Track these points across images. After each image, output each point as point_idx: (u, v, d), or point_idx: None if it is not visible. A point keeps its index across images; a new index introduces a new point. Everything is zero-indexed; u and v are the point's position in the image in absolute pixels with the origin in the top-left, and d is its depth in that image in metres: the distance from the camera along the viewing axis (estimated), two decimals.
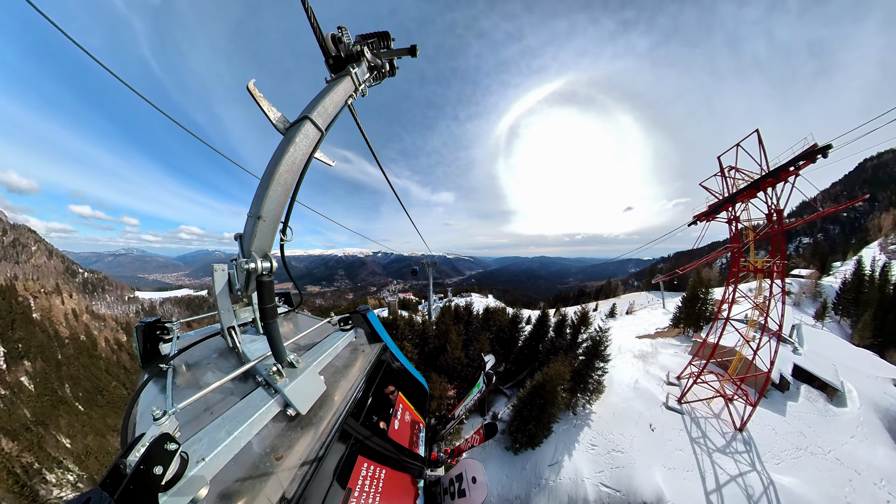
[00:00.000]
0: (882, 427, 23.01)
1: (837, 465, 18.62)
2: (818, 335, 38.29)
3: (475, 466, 3.29)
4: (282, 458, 1.81)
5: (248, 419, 1.78)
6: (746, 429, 18.77)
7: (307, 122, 2.30)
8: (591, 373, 18.87)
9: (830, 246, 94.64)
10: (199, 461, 1.48)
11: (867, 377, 28.95)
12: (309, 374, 2.18)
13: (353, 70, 2.79)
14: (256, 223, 2.05)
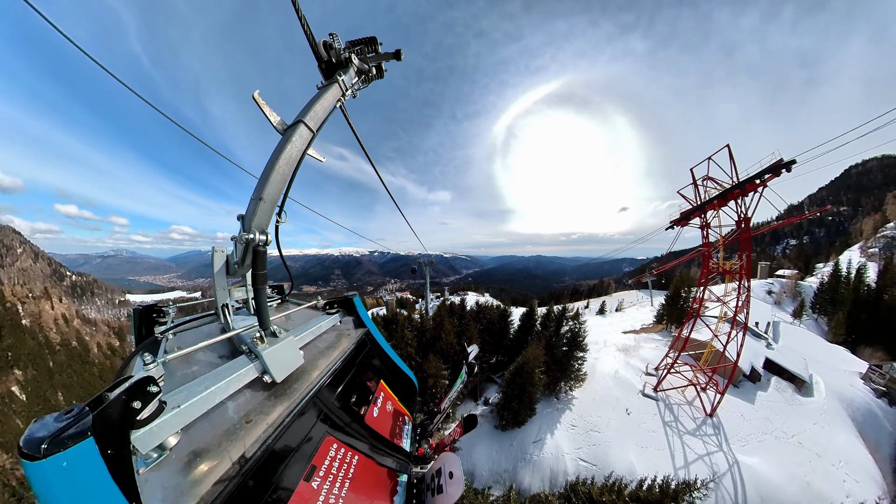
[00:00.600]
0: (846, 415, 24.17)
1: (799, 447, 19.74)
2: (795, 332, 39.47)
3: (452, 460, 3.20)
4: (251, 422, 1.86)
5: (225, 378, 1.86)
6: (716, 414, 19.88)
7: (301, 124, 2.56)
8: (572, 361, 20.02)
9: (815, 248, 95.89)
10: (175, 408, 1.54)
11: (836, 371, 30.12)
12: (288, 344, 2.28)
13: (340, 77, 2.99)
14: (257, 204, 2.24)
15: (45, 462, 0.96)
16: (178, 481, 1.44)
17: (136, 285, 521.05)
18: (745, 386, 24.21)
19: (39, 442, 0.97)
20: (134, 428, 1.33)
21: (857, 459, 20.16)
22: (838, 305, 44.66)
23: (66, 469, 1.00)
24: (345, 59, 3.14)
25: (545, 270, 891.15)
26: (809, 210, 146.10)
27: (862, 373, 29.88)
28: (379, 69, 3.52)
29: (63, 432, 1.01)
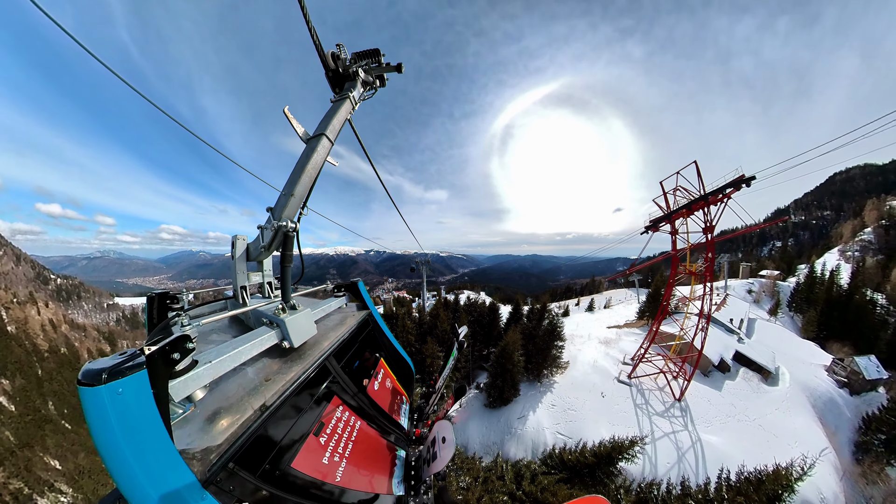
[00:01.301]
0: (807, 403, 25.53)
1: (759, 429, 21.10)
2: (769, 328, 40.84)
3: (445, 426, 3.24)
4: (270, 381, 2.03)
5: (251, 341, 2.04)
6: (685, 399, 21.24)
7: (324, 137, 2.82)
8: (552, 350, 21.50)
9: (798, 250, 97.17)
10: (206, 363, 1.67)
11: (803, 363, 31.48)
12: (306, 315, 2.51)
13: (351, 93, 3.22)
14: (289, 198, 2.50)
15: (103, 388, 1.09)
16: (203, 430, 1.56)
17: (124, 287, 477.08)
18: (715, 375, 25.59)
19: (100, 372, 1.10)
20: (171, 378, 1.47)
21: (812, 440, 21.51)
22: (812, 304, 45.94)
23: (120, 395, 1.13)
24: (352, 72, 3.35)
25: (541, 269, 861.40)
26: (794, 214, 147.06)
27: (826, 365, 31.28)
28: (381, 79, 3.70)
29: (121, 365, 1.15)
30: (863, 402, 27.51)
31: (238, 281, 2.89)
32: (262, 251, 2.71)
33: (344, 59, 3.36)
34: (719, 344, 27.63)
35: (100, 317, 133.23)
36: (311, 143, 2.83)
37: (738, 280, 61.97)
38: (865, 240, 75.08)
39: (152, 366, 1.28)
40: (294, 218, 2.54)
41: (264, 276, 3.15)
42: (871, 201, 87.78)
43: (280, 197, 2.59)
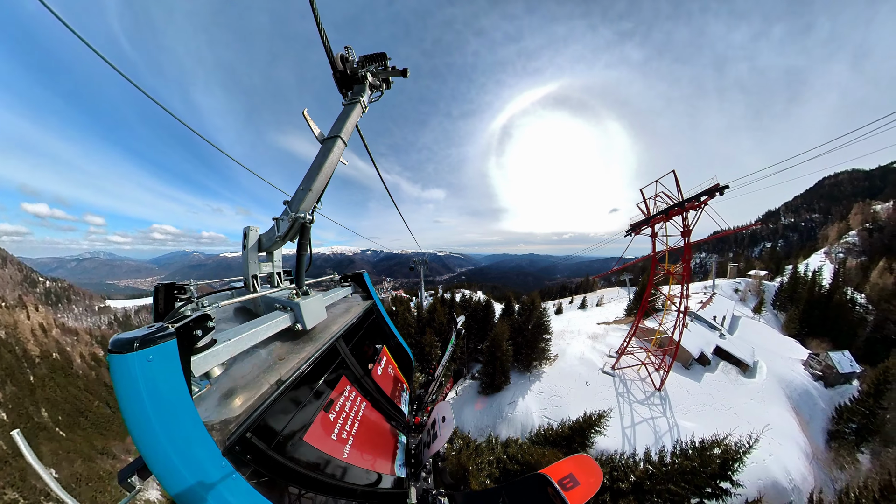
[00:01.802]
0: (783, 394, 26.51)
1: (734, 416, 22.08)
2: (752, 325, 41.82)
3: (444, 407, 3.25)
4: (284, 360, 2.12)
5: (266, 323, 2.11)
6: (665, 389, 22.25)
7: (338, 139, 2.90)
8: (539, 343, 22.70)
9: (787, 251, 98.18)
10: (224, 341, 1.73)
11: (782, 358, 32.44)
12: (318, 300, 2.61)
13: (361, 98, 3.28)
14: (307, 193, 2.60)
15: (134, 355, 1.14)
16: (220, 404, 1.59)
17: (116, 290, 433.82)
18: (696, 368, 26.58)
19: (132, 341, 1.15)
20: (192, 353, 1.50)
21: (784, 428, 22.50)
22: (795, 303, 46.99)
23: (150, 363, 1.17)
24: (361, 76, 3.40)
25: (537, 268, 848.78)
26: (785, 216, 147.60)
27: (803, 360, 32.27)
28: (387, 82, 3.75)
29: (152, 335, 1.20)
30: (836, 393, 28.49)
31: (250, 270, 2.91)
32: (276, 241, 2.78)
33: (352, 61, 3.44)
34: (701, 339, 28.62)
35: (91, 320, 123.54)
36: (326, 143, 2.92)
37: (726, 279, 62.96)
38: (850, 242, 76.09)
39: (179, 337, 1.33)
40: (310, 211, 2.64)
41: (274, 266, 3.19)
42: (857, 205, 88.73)
43: (298, 191, 2.71)
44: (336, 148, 2.88)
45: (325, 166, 2.77)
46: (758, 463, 18.83)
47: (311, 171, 2.76)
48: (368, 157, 4.92)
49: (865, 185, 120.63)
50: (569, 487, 2.75)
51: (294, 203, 2.62)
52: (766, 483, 17.92)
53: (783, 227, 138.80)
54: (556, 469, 2.94)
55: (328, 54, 3.27)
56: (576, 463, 3.03)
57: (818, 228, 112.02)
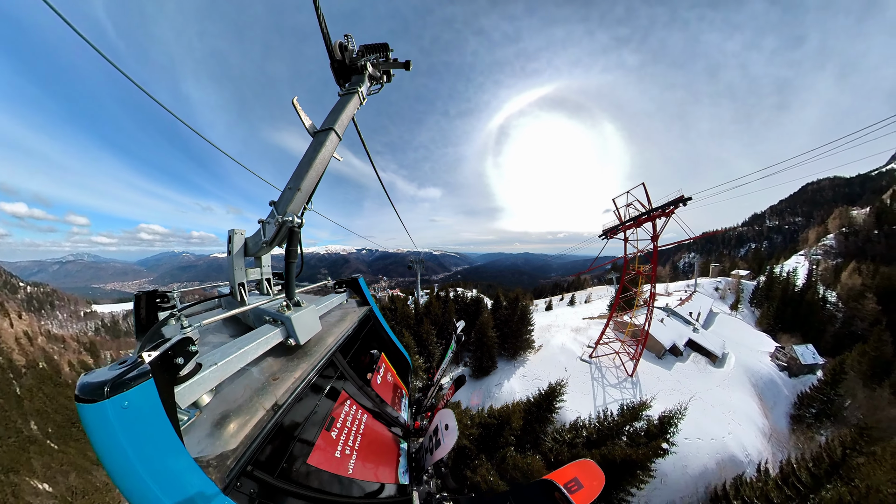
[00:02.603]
0: (748, 382, 27.86)
1: (699, 400, 23.37)
2: (728, 320, 43.14)
3: (446, 414, 3.14)
4: (278, 380, 1.89)
5: (256, 340, 1.85)
6: (637, 376, 23.66)
7: (332, 131, 2.59)
8: (523, 334, 24.29)
9: (770, 252, 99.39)
10: (212, 365, 1.50)
11: (751, 350, 33.78)
12: (311, 311, 2.31)
13: (359, 88, 2.99)
14: (295, 193, 2.31)
15: (107, 403, 0.93)
16: (213, 435, 1.42)
17: (101, 294, 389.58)
18: (668, 358, 27.99)
19: (101, 386, 0.94)
20: (175, 384, 1.31)
21: (745, 410, 23.87)
22: (770, 301, 48.34)
23: (125, 409, 0.97)
24: (360, 65, 3.13)
25: (532, 267, 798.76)
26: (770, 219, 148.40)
27: (771, 352, 33.65)
28: (388, 74, 3.48)
29: (124, 376, 0.99)
30: (799, 382, 29.80)
31: (236, 277, 2.62)
32: (262, 246, 2.52)
33: (351, 50, 3.16)
34: (674, 332, 30.02)
35: (77, 326, 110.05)
36: (318, 136, 2.62)
37: (708, 278, 64.24)
38: (827, 245, 77.10)
39: (156, 373, 1.12)
40: (299, 213, 2.37)
41: (262, 273, 2.92)
42: (836, 210, 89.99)
43: (285, 191, 2.41)
44: (329, 142, 2.59)
45: (317, 162, 2.48)
46: (717, 440, 20.27)
47: (300, 168, 2.47)
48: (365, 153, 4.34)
49: (845, 192, 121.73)
50: (574, 490, 2.75)
51: (281, 204, 2.36)
52: (725, 457, 19.31)
53: (768, 229, 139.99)
54: (561, 474, 2.94)
55: (326, 42, 2.99)
56: (579, 468, 3.04)
57: (800, 231, 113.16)
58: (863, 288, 46.58)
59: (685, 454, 18.92)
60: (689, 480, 18.07)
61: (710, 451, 19.29)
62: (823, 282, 52.35)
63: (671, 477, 18.10)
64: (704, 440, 19.71)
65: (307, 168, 2.42)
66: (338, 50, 3.06)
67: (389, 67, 3.40)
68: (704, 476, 18.24)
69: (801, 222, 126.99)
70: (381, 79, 3.41)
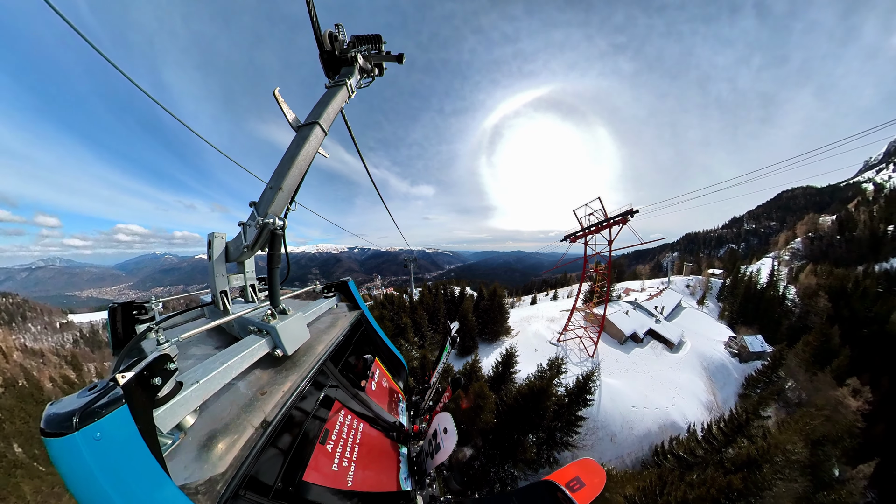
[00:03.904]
0: (700, 366, 29.80)
1: (651, 378, 25.51)
2: (694, 313, 45.05)
3: (445, 418, 2.88)
4: (266, 394, 1.69)
5: (240, 353, 1.63)
6: (597, 356, 25.84)
7: (317, 126, 2.31)
8: (500, 321, 26.74)
9: (746, 253, 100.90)
10: (193, 384, 1.31)
11: (708, 339, 35.66)
12: (298, 319, 2.05)
13: (348, 80, 2.68)
14: (276, 193, 2.04)
15: (77, 435, 0.78)
16: (200, 458, 1.25)
17: (77, 302, 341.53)
18: (629, 344, 30.05)
19: (69, 416, 0.79)
20: (155, 406, 1.13)
21: (691, 388, 25.87)
22: (735, 297, 50.23)
23: (98, 441, 0.82)
24: (350, 57, 2.83)
25: (524, 265, 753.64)
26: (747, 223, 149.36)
27: (725, 341, 35.64)
28: (380, 67, 3.15)
29: (93, 404, 0.84)
30: (748, 367, 31.69)
31: (217, 285, 2.33)
32: (244, 251, 2.20)
33: (342, 41, 2.86)
34: (637, 323, 32.08)
35: (53, 338, 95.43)
36: (302, 131, 2.31)
37: (681, 276, 66.17)
38: (795, 248, 78.77)
39: (132, 397, 0.95)
40: (281, 214, 2.10)
41: (246, 279, 2.63)
42: (807, 216, 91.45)
43: (266, 190, 2.11)
44: (313, 136, 2.31)
45: (300, 159, 2.21)
46: (661, 409, 22.36)
47: (281, 165, 2.19)
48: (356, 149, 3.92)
49: (816, 200, 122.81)
50: (576, 489, 2.66)
51: (261, 205, 2.09)
52: (667, 423, 21.35)
53: (745, 231, 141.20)
54: (563, 473, 2.84)
55: (315, 31, 2.70)
56: (580, 466, 2.94)
57: (773, 235, 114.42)
58: (817, 287, 48.29)
59: (632, 419, 21.09)
60: (636, 440, 20.23)
61: (654, 418, 21.41)
62: (790, 281, 54.16)
63: (620, 437, 20.30)
64: (650, 409, 21.84)
65: (289, 165, 2.16)
66: (327, 40, 2.78)
67: (382, 60, 3.14)
68: (648, 437, 20.38)
69: (775, 226, 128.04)
70: (372, 72, 3.11)
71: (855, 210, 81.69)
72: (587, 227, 24.87)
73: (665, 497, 13.53)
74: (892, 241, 62.62)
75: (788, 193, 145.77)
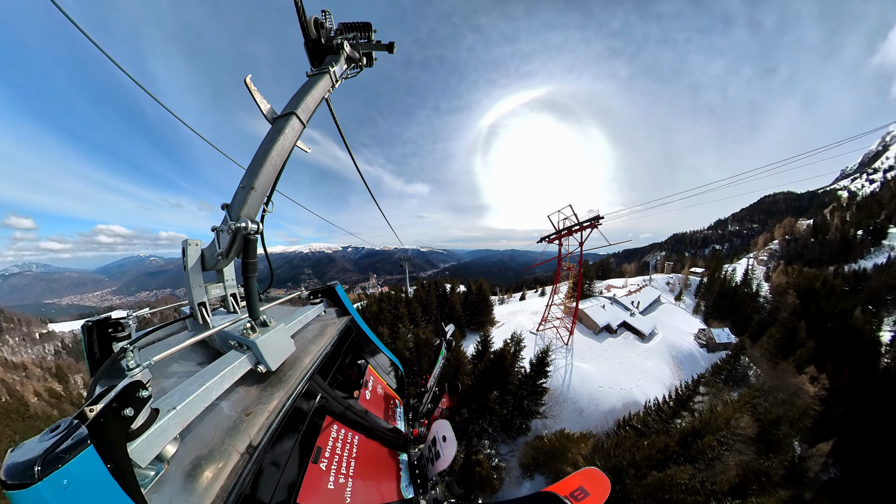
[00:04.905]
0: (669, 354, 31.26)
1: (619, 363, 27.05)
2: (670, 308, 46.37)
3: (443, 425, 2.73)
4: (251, 415, 1.53)
5: (219, 372, 1.46)
6: (571, 344, 27.48)
7: (294, 116, 2.03)
8: (485, 312, 28.48)
9: (729, 253, 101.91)
10: (170, 410, 1.16)
11: (680, 332, 37.07)
12: (280, 331, 1.83)
13: (331, 68, 2.37)
14: (249, 193, 1.77)
15: (41, 485, 0.68)
16: (186, 489, 1.11)
17: (57, 310, 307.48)
18: (603, 335, 31.61)
19: (30, 464, 0.68)
20: (129, 439, 0.99)
21: (656, 373, 27.37)
22: (710, 293, 51.58)
23: (66, 489, 0.72)
24: (336, 44, 2.51)
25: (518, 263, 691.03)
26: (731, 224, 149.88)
27: (695, 333, 37.11)
28: (369, 57, 2.86)
29: (56, 448, 0.73)
30: (715, 356, 33.16)
31: (195, 297, 2.02)
32: (218, 259, 1.96)
33: (329, 28, 2.53)
34: (612, 315, 33.64)
35: (33, 350, 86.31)
36: (277, 123, 2.04)
37: (663, 274, 67.53)
38: (773, 249, 79.83)
39: (101, 434, 0.83)
40: (256, 217, 1.84)
41: (226, 288, 2.28)
42: (786, 220, 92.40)
43: (237, 191, 1.85)
44: (289, 129, 2.00)
45: (273, 154, 1.90)
46: (625, 389, 23.94)
47: (254, 162, 1.88)
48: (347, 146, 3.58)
49: (796, 205, 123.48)
50: (580, 499, 2.52)
51: (233, 207, 1.82)
52: (630, 401, 22.82)
53: (729, 233, 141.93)
54: (566, 484, 2.67)
55: (300, 17, 2.36)
56: (585, 476, 2.76)
57: (755, 236, 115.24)
58: (787, 285, 49.54)
59: (598, 397, 22.72)
60: (601, 415, 21.82)
61: (618, 397, 23.00)
62: (766, 279, 55.42)
63: (587, 412, 21.93)
64: (615, 389, 23.45)
65: (262, 162, 1.86)
66: (312, 27, 2.47)
67: (371, 49, 2.86)
68: (613, 413, 21.94)
69: (757, 228, 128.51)
70: (359, 61, 2.82)
71: (830, 215, 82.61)
72: (560, 230, 26.67)
73: (618, 457, 15.27)
74: (861, 244, 63.75)
75: (770, 198, 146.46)
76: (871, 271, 51.56)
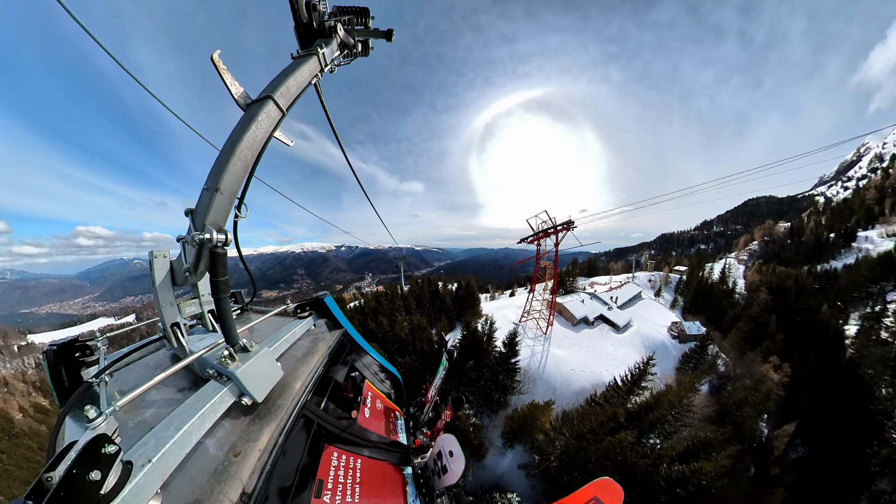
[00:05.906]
0: (641, 344, 32.35)
1: (592, 351, 28.31)
2: (649, 303, 47.34)
3: (449, 440, 2.66)
4: (240, 454, 1.31)
5: (198, 411, 1.23)
6: (549, 334, 28.92)
7: (270, 101, 1.65)
8: (473, 306, 30.07)
9: (713, 253, 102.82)
10: (145, 464, 0.97)
11: (655, 324, 38.22)
12: (263, 357, 1.53)
13: (320, 50, 1.99)
14: (213, 195, 1.40)
15: None
16: None
17: (36, 319, 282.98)
18: (581, 326, 32.93)
19: None
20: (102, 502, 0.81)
21: (626, 360, 28.38)
22: (688, 290, 52.72)
23: None
24: (329, 27, 2.18)
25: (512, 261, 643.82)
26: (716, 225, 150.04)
27: (668, 325, 38.32)
28: (365, 45, 2.51)
29: None
30: (685, 347, 34.36)
31: (166, 317, 1.65)
32: (186, 276, 1.58)
33: (322, 11, 2.19)
34: (590, 309, 34.96)
35: (12, 364, 75.39)
36: (250, 109, 1.65)
37: (646, 272, 68.71)
38: (753, 249, 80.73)
39: None
40: (225, 224, 1.47)
41: (202, 304, 1.90)
42: (766, 222, 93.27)
43: (201, 193, 1.45)
44: (264, 116, 1.61)
45: (243, 147, 1.50)
46: (595, 373, 25.22)
47: (219, 158, 1.49)
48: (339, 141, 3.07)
49: (777, 208, 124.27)
50: None
51: (197, 213, 1.45)
52: (599, 383, 23.99)
53: (714, 233, 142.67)
54: (580, 496, 2.55)
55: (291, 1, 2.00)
56: (599, 487, 2.62)
57: (738, 237, 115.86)
58: (760, 283, 50.56)
59: (570, 379, 24.09)
60: (572, 394, 23.11)
61: (588, 379, 24.31)
62: (747, 279, 56.50)
63: (559, 392, 23.29)
64: (586, 372, 24.82)
65: (228, 157, 1.46)
66: (304, 9, 2.09)
67: (367, 36, 2.47)
68: (582, 392, 23.20)
69: (740, 229, 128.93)
70: (354, 48, 2.41)
71: (806, 219, 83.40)
72: (536, 232, 28.31)
73: (579, 426, 16.79)
74: (833, 246, 64.59)
75: (753, 201, 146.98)
76: (841, 271, 52.54)
